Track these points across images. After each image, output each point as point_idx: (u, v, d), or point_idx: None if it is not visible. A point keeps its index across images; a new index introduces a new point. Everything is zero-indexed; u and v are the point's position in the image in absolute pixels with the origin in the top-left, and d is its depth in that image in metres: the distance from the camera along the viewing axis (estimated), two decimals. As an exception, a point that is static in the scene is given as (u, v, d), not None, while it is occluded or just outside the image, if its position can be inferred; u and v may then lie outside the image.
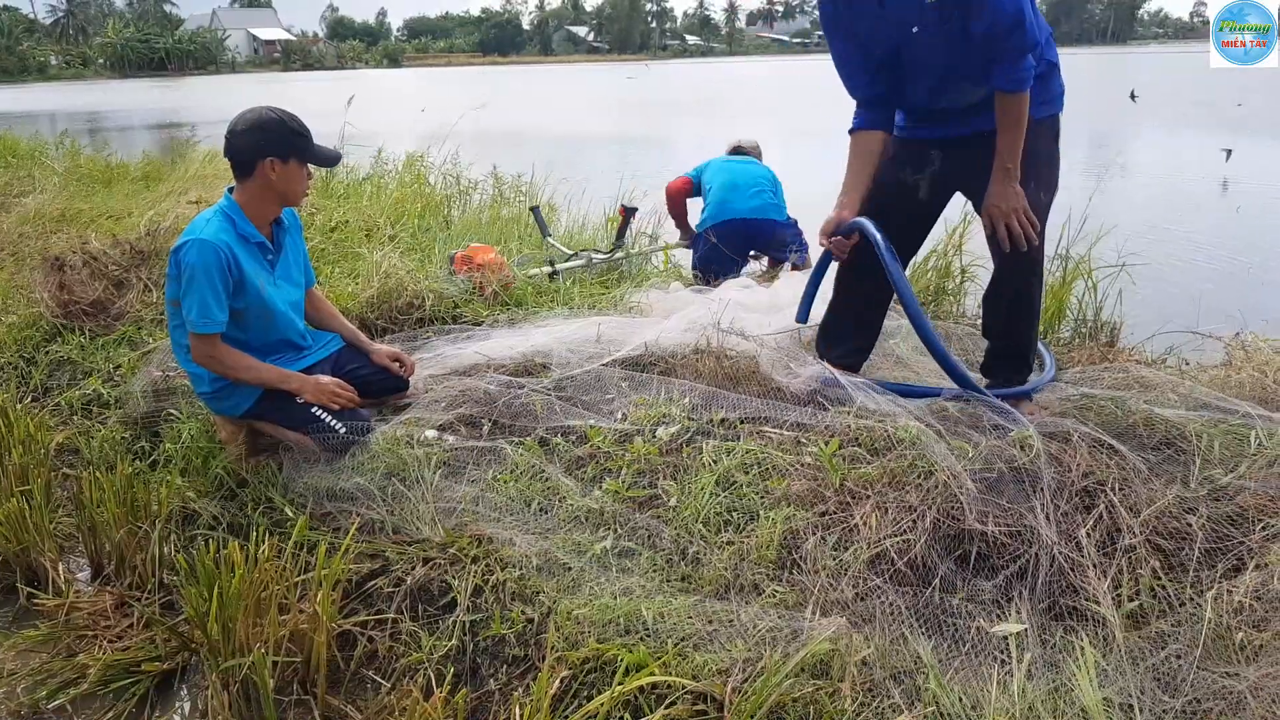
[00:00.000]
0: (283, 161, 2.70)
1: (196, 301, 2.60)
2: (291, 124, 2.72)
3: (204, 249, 2.60)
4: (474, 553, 2.17)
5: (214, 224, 2.68)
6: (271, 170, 2.70)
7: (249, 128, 2.69)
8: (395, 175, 7.60)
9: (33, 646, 2.35)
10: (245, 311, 2.73)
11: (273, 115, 2.72)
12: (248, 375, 2.72)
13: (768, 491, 2.24)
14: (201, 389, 2.84)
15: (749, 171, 4.99)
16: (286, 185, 2.74)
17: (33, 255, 5.23)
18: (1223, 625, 1.73)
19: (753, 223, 4.79)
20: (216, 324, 2.63)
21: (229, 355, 2.69)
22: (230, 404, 2.82)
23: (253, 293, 2.72)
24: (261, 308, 2.77)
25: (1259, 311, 5.41)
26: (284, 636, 2.05)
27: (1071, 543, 1.93)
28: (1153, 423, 2.36)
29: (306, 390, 2.75)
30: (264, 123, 2.70)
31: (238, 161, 2.71)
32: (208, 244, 2.61)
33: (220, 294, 2.62)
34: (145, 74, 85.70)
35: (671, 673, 1.71)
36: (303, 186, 2.81)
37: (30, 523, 2.63)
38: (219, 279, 2.61)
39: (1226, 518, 1.95)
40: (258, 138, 2.68)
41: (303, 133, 2.74)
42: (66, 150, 10.87)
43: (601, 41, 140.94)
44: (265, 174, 2.70)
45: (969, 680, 1.66)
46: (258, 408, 2.80)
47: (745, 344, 3.19)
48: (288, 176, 2.73)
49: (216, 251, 2.61)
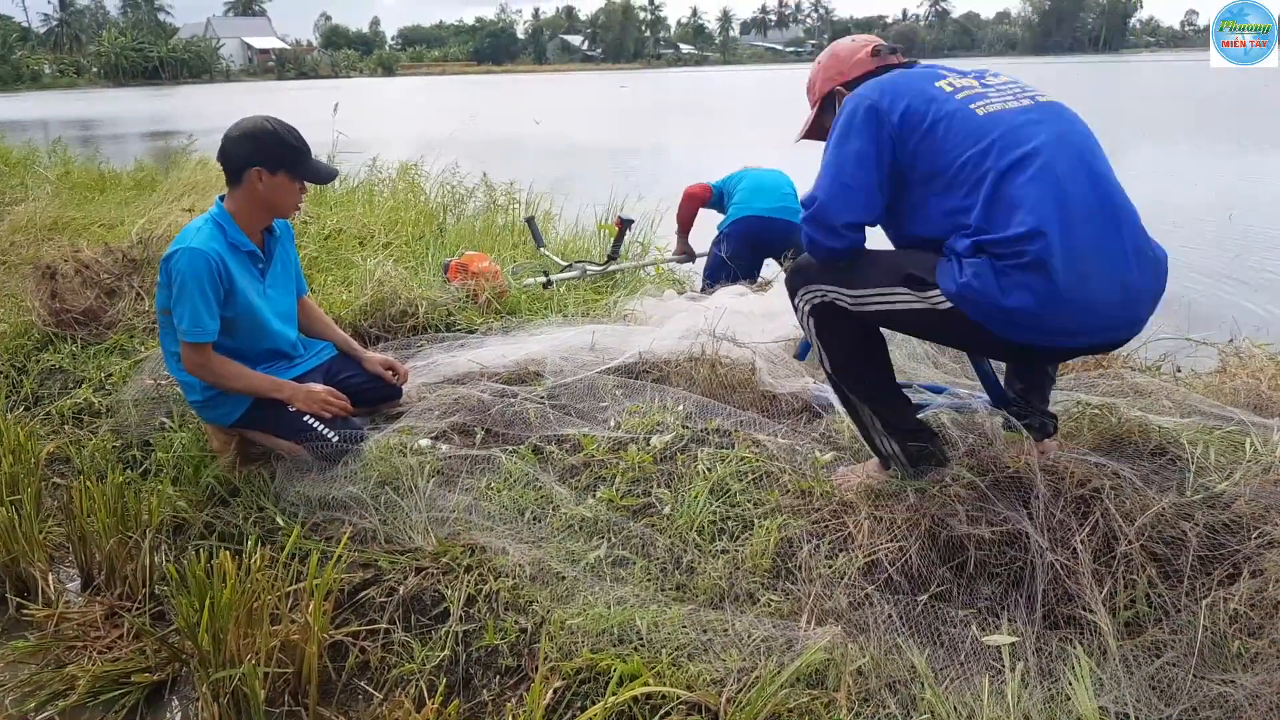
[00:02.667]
0: (270, 173, 2.68)
1: (188, 310, 2.58)
2: (286, 136, 2.70)
3: (194, 257, 2.58)
4: (467, 562, 2.16)
5: (204, 232, 2.67)
6: (259, 180, 2.68)
7: (241, 135, 2.68)
8: (389, 183, 7.59)
9: (21, 657, 2.33)
10: (235, 321, 2.72)
11: (267, 126, 2.69)
12: (239, 384, 2.71)
13: (762, 500, 2.23)
14: (193, 397, 2.82)
15: (775, 177, 4.95)
16: (274, 196, 2.72)
17: (24, 263, 5.20)
18: (1219, 633, 1.72)
19: (771, 222, 4.68)
20: (208, 333, 2.62)
21: (220, 364, 2.68)
22: (221, 412, 2.80)
23: (243, 302, 2.71)
24: (252, 317, 2.75)
25: (1252, 318, 5.45)
26: (275, 647, 2.03)
27: (1067, 550, 1.92)
28: (1147, 430, 2.36)
29: (298, 399, 2.73)
30: (257, 132, 2.68)
31: (229, 169, 2.70)
32: (198, 252, 2.59)
33: (211, 303, 2.61)
34: (139, 83, 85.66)
35: (666, 683, 1.70)
36: (293, 200, 2.78)
37: (20, 532, 2.61)
38: (210, 287, 2.60)
39: (1222, 525, 1.94)
40: (249, 146, 2.67)
41: (297, 146, 2.71)
42: (59, 158, 10.84)
43: (595, 50, 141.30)
44: (253, 183, 2.68)
45: (964, 689, 1.65)
46: (248, 416, 2.78)
47: (739, 351, 3.19)
48: (275, 188, 2.71)
49: (207, 260, 2.59)
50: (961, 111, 2.03)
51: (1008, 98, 2.08)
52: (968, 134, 2.00)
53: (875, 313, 2.13)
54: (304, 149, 2.74)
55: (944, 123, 2.02)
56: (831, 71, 2.37)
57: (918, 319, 2.09)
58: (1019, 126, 2.00)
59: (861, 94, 2.14)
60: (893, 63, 2.31)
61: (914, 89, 2.10)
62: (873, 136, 2.06)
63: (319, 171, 2.80)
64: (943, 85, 2.11)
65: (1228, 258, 7.38)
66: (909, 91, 2.09)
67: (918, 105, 2.06)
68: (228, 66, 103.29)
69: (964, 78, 2.16)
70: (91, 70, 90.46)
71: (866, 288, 2.11)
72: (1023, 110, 2.05)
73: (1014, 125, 2.00)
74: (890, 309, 2.10)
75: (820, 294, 2.18)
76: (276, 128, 2.70)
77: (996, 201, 1.94)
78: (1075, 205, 1.92)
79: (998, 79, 2.17)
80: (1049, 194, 1.90)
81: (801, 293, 2.23)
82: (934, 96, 2.07)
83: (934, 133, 2.02)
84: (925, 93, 2.09)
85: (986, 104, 2.05)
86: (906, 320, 2.14)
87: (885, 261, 2.15)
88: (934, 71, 2.19)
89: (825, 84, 2.38)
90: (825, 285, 2.17)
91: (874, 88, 2.14)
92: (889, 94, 2.09)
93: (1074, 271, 1.87)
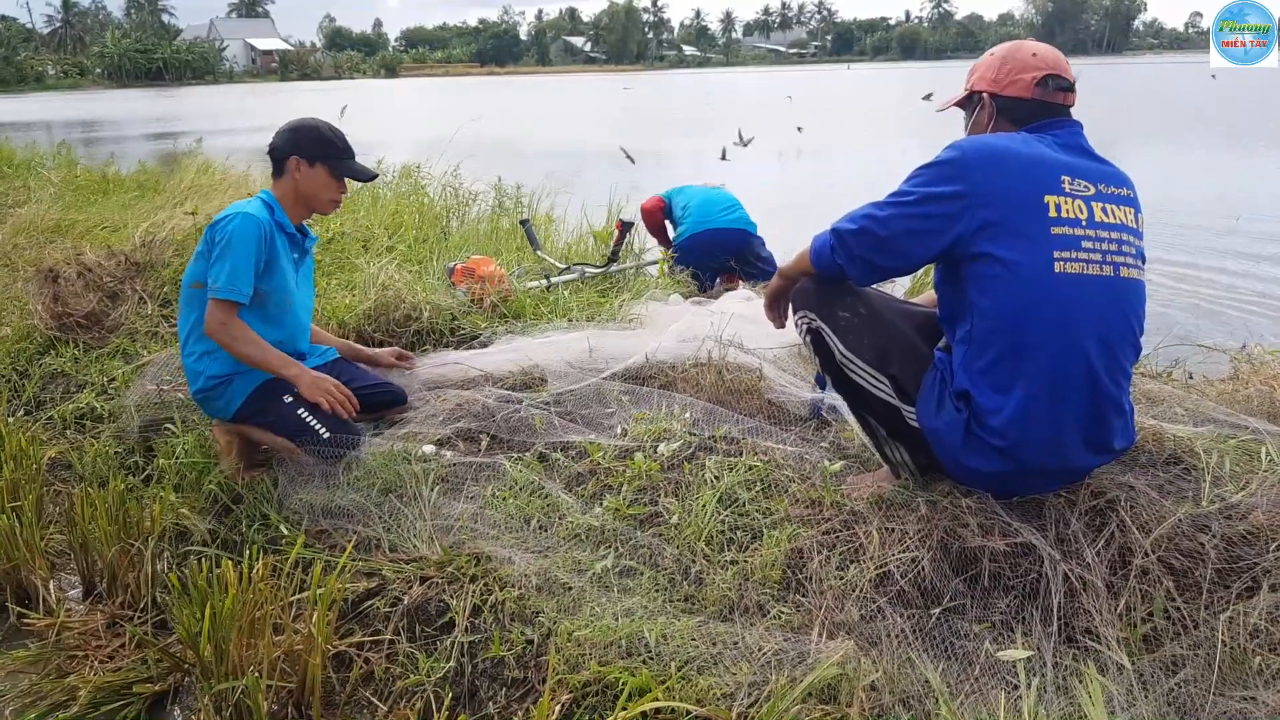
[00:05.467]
0: (309, 164, 2.84)
1: (227, 268, 2.65)
2: (327, 133, 2.88)
3: (247, 220, 2.71)
4: (472, 571, 2.13)
5: (255, 203, 2.83)
6: (298, 169, 2.84)
7: (288, 128, 2.89)
8: (393, 186, 7.57)
9: (22, 667, 2.30)
10: (269, 295, 2.78)
11: (311, 122, 2.90)
12: (252, 351, 2.70)
13: (770, 509, 2.20)
14: (195, 386, 2.83)
15: (723, 194, 5.43)
16: (310, 187, 2.87)
17: (27, 266, 5.19)
18: (1238, 648, 1.69)
19: (729, 232, 5.12)
20: (241, 293, 2.67)
21: (241, 329, 2.70)
22: (221, 404, 2.81)
23: (279, 277, 2.80)
24: (284, 295, 2.84)
25: (1263, 323, 5.41)
26: (278, 657, 2.01)
27: (1083, 563, 1.89)
28: (1161, 439, 2.32)
29: (303, 383, 2.73)
30: (301, 126, 2.88)
31: (274, 159, 2.88)
32: (251, 217, 2.73)
33: (252, 266, 2.70)
34: (142, 84, 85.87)
35: (675, 697, 1.67)
36: (328, 194, 2.91)
37: (21, 539, 2.59)
38: (255, 251, 2.70)
39: (1239, 537, 1.91)
40: (292, 137, 2.86)
41: (337, 143, 2.88)
42: (62, 160, 10.83)
43: (599, 52, 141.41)
44: (292, 172, 2.83)
45: (980, 705, 1.62)
46: (247, 409, 2.79)
47: (746, 357, 3.16)
48: (312, 179, 2.86)
49: (260, 225, 2.73)
50: (1035, 263, 1.91)
51: (1101, 252, 1.95)
52: (1023, 291, 1.92)
53: (855, 383, 2.20)
54: (344, 147, 2.91)
55: (1011, 269, 1.92)
56: (993, 74, 2.17)
57: (887, 411, 2.18)
58: (1076, 305, 1.92)
59: (971, 161, 1.98)
60: (1053, 101, 2.12)
61: (1021, 196, 1.94)
62: (948, 218, 1.96)
63: (356, 170, 2.94)
64: (1050, 201, 1.94)
65: (1237, 262, 7.34)
66: (1012, 199, 1.94)
67: (1007, 221, 1.93)
68: (231, 68, 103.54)
69: (1079, 196, 1.97)
70: (95, 72, 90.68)
71: (857, 356, 2.16)
72: (1099, 281, 1.94)
73: (1072, 302, 1.92)
74: (869, 389, 2.18)
75: (818, 327, 2.22)
76: (320, 125, 2.90)
77: (1004, 367, 1.95)
78: (1065, 410, 1.95)
79: (1116, 207, 2.00)
80: (1047, 392, 1.92)
81: (801, 314, 2.26)
82: (1027, 220, 1.93)
83: (994, 269, 1.93)
84: (1025, 207, 1.94)
85: (1072, 256, 1.92)
86: (878, 406, 2.19)
87: (882, 334, 2.16)
88: (1062, 164, 1.99)
89: (980, 82, 2.20)
90: (824, 324, 2.20)
91: (985, 162, 1.97)
92: (994, 185, 1.95)
93: (1036, 460, 1.98)
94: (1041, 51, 2.17)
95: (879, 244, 2.05)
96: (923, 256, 2.07)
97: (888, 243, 2.04)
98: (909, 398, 2.12)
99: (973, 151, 1.99)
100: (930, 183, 2.00)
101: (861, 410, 2.25)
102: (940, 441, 2.06)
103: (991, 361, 1.96)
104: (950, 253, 2.00)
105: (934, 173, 2.01)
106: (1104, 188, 2.01)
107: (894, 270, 2.16)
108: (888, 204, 2.05)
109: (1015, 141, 2.02)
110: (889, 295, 2.46)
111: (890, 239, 2.04)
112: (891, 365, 2.13)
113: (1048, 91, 2.11)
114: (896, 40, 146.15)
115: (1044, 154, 2.00)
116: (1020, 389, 1.93)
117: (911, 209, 2.01)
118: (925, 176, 2.02)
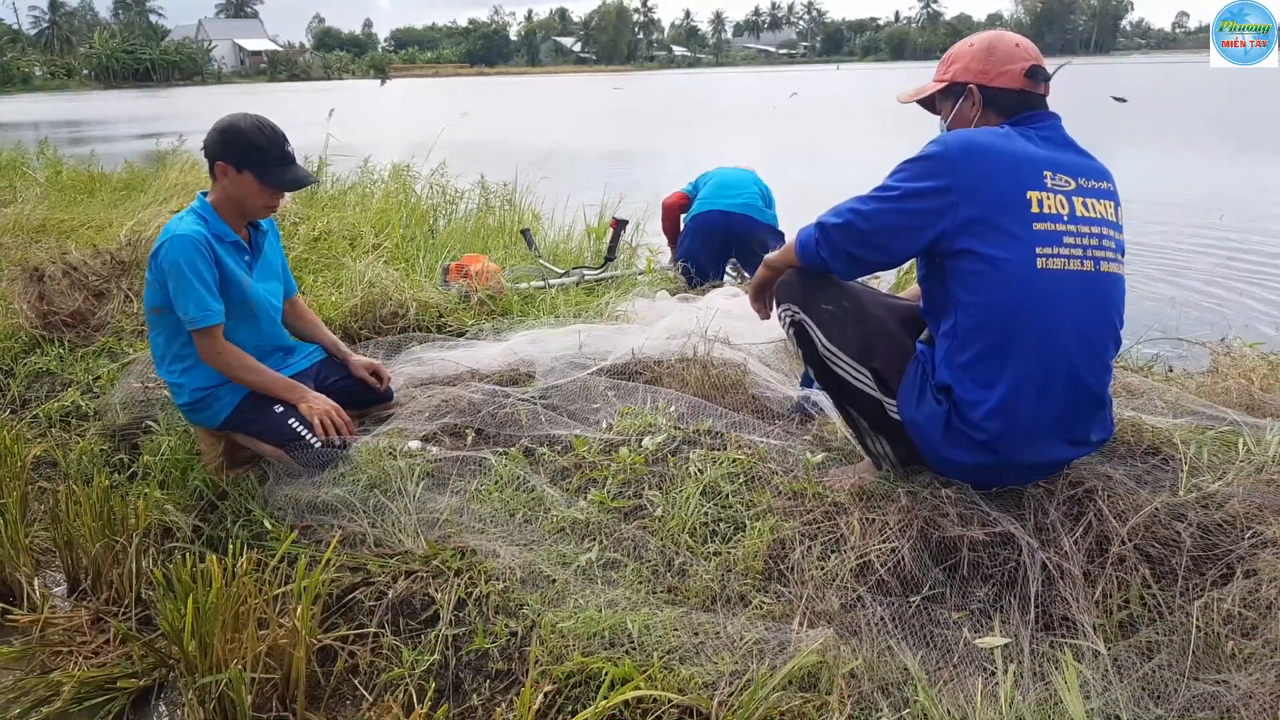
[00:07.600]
0: (236, 170, 2.65)
1: (191, 297, 2.57)
2: (255, 137, 2.64)
3: (181, 243, 2.58)
4: (457, 565, 2.14)
5: (186, 221, 2.67)
6: (224, 175, 2.67)
7: (216, 129, 2.67)
8: (381, 185, 7.57)
9: (6, 663, 2.30)
10: (230, 309, 2.69)
11: (238, 123, 2.65)
12: (251, 377, 2.69)
13: (753, 502, 2.22)
14: (180, 399, 2.79)
15: (742, 175, 5.07)
16: (239, 193, 2.69)
17: (12, 266, 5.16)
18: (1212, 633, 1.71)
19: (732, 217, 4.82)
20: (215, 314, 2.60)
21: (236, 355, 2.66)
22: (208, 414, 2.77)
23: (235, 288, 2.69)
24: (244, 304, 2.73)
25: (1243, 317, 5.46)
26: (262, 652, 2.01)
27: (1060, 551, 1.91)
28: (1140, 430, 2.35)
29: (305, 405, 2.70)
30: (230, 128, 2.65)
31: (208, 161, 2.70)
32: (184, 238, 2.59)
33: (210, 284, 2.60)
34: (130, 85, 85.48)
35: (658, 686, 1.69)
36: (260, 202, 2.72)
37: (5, 536, 2.59)
38: (204, 269, 2.59)
39: (1215, 525, 1.94)
40: (219, 140, 2.66)
41: (266, 149, 2.65)
42: (47, 159, 10.77)
43: (589, 52, 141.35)
44: (220, 178, 2.68)
45: (958, 692, 1.64)
46: (235, 418, 2.76)
47: (731, 353, 3.18)
48: (240, 185, 2.67)
49: (194, 243, 2.59)
50: (1018, 260, 1.92)
51: (1082, 247, 1.96)
52: (1007, 288, 1.93)
53: (837, 375, 2.20)
54: (273, 150, 2.66)
55: (995, 266, 1.93)
56: (979, 65, 2.15)
57: (869, 404, 2.18)
58: (1058, 301, 1.93)
59: (954, 157, 1.98)
60: (1036, 92, 2.12)
61: (1004, 193, 1.94)
62: (932, 214, 1.97)
63: (285, 180, 2.72)
64: (1033, 197, 1.94)
65: (1219, 258, 7.40)
66: (995, 196, 1.94)
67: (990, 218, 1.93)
68: (219, 68, 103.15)
69: (1060, 191, 1.97)
70: (82, 72, 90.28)
71: (839, 349, 2.17)
72: (1080, 276, 1.95)
73: (1054, 299, 1.93)
74: (851, 381, 2.18)
75: (801, 320, 2.23)
76: (246, 126, 2.65)
77: (988, 363, 1.96)
78: (1047, 405, 1.96)
79: (1097, 201, 2.01)
80: (1030, 387, 1.94)
81: (784, 306, 2.27)
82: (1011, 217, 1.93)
83: (978, 265, 1.94)
84: (1009, 203, 1.94)
85: (1054, 252, 1.93)
86: (860, 399, 2.19)
87: (865, 327, 2.17)
88: (1044, 159, 1.99)
89: (965, 74, 2.17)
90: (807, 317, 2.21)
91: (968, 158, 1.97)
92: (977, 182, 1.95)
93: (1016, 453, 2.00)
94: (1023, 42, 2.18)
95: (862, 238, 2.06)
96: (906, 251, 2.08)
97: (871, 237, 2.06)
98: (891, 390, 2.13)
99: (956, 147, 1.99)
100: (914, 178, 2.01)
101: (844, 403, 2.26)
102: (921, 434, 2.08)
103: (975, 357, 1.98)
104: (934, 248, 2.01)
105: (918, 168, 2.02)
106: (1084, 182, 2.02)
107: (877, 264, 2.18)
108: (872, 198, 2.06)
109: (998, 136, 2.02)
110: (873, 289, 2.48)
111: (873, 233, 2.05)
112: (874, 358, 2.14)
113: (1035, 82, 2.12)
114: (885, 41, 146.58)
115: (1026, 149, 2.01)
116: (1004, 384, 1.95)
117: (895, 204, 2.02)
118: (909, 171, 2.03)
